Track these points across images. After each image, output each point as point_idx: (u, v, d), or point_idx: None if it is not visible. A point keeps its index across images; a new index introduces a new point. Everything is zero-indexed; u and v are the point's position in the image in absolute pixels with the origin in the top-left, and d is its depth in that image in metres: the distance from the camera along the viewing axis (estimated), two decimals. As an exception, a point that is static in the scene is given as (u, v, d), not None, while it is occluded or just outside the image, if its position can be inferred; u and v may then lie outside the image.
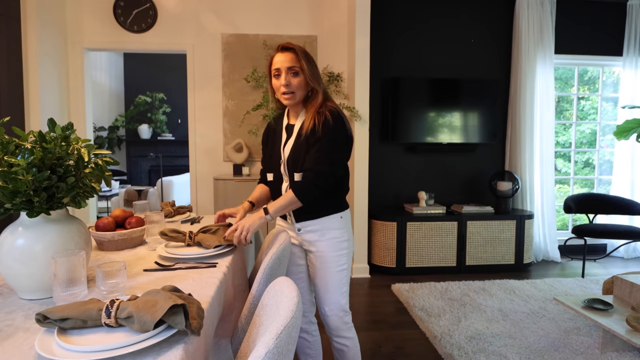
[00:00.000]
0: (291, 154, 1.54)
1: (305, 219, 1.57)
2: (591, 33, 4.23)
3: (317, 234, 1.57)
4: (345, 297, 1.62)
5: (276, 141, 1.63)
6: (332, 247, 1.57)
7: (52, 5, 3.44)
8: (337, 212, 1.59)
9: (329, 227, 1.57)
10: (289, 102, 1.52)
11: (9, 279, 1.04)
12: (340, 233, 1.58)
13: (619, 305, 2.33)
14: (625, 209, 3.74)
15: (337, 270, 1.58)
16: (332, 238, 1.57)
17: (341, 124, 1.50)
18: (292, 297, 0.84)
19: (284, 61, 1.49)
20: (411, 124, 3.85)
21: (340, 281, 1.59)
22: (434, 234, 3.69)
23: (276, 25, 3.87)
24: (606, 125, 4.52)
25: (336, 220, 1.58)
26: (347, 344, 1.62)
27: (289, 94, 1.50)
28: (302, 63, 1.49)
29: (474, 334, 2.46)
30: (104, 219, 1.56)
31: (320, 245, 1.57)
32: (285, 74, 1.49)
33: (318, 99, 1.53)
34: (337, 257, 1.58)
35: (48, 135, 1.04)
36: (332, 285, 1.58)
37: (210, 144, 3.90)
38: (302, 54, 1.50)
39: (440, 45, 4.04)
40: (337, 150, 1.50)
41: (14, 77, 3.18)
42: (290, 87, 1.49)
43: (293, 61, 1.49)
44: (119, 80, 7.16)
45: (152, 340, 0.79)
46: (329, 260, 1.57)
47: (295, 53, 1.50)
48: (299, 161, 1.51)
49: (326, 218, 1.57)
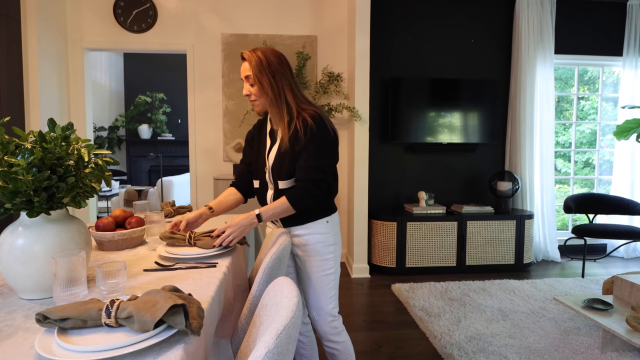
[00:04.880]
0: (275, 161, 1.52)
1: (293, 224, 1.56)
2: (591, 33, 4.23)
3: (304, 239, 1.56)
4: (332, 302, 1.59)
5: (260, 147, 1.61)
6: (317, 252, 1.55)
7: (52, 5, 3.44)
8: (324, 217, 1.57)
9: (314, 232, 1.55)
10: (257, 108, 1.55)
11: (9, 279, 1.04)
12: (325, 237, 1.56)
13: (619, 305, 2.33)
14: (625, 209, 3.74)
15: (323, 274, 1.56)
16: (317, 242, 1.55)
17: (324, 127, 1.47)
18: (292, 297, 0.84)
19: (242, 70, 1.52)
20: (411, 124, 3.85)
21: (327, 285, 1.57)
22: (434, 234, 3.69)
23: (276, 25, 3.87)
24: (606, 125, 4.52)
25: (322, 225, 1.56)
26: (337, 348, 1.61)
27: (253, 102, 1.53)
28: (255, 74, 1.47)
29: (474, 334, 2.46)
30: (104, 219, 1.56)
31: (306, 249, 1.56)
32: (245, 83, 1.52)
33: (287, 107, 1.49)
34: (323, 261, 1.56)
35: (48, 135, 1.04)
36: (319, 290, 1.57)
37: (210, 144, 3.90)
38: (255, 65, 1.47)
39: (440, 45, 4.04)
40: (326, 155, 1.48)
41: (14, 77, 3.19)
42: (251, 96, 1.52)
43: (247, 71, 1.50)
44: (119, 80, 7.16)
45: (152, 340, 0.79)
46: (314, 265, 1.56)
47: (248, 61, 1.49)
48: (282, 168, 1.50)
49: (313, 223, 1.55)
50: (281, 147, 1.50)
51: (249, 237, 2.10)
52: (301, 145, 1.45)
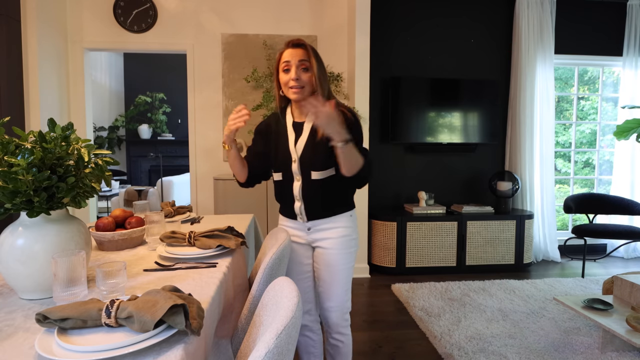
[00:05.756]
0: (307, 153, 1.53)
1: (318, 217, 1.58)
2: (591, 33, 4.23)
3: (328, 232, 1.58)
4: (348, 294, 1.64)
5: (281, 140, 1.60)
6: (342, 245, 1.58)
7: (52, 5, 3.44)
8: (348, 211, 1.61)
9: (339, 225, 1.59)
10: (296, 95, 1.50)
11: (9, 279, 1.04)
12: (350, 231, 1.60)
13: (619, 305, 2.33)
14: (625, 209, 3.74)
15: (345, 267, 1.60)
16: (343, 236, 1.58)
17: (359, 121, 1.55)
18: (292, 297, 0.84)
19: (295, 55, 1.49)
20: (411, 124, 3.85)
21: (347, 278, 1.62)
22: (434, 234, 3.69)
23: (276, 25, 3.87)
24: (606, 125, 4.52)
25: (347, 218, 1.60)
26: (343, 340, 1.66)
27: (297, 88, 1.49)
28: (312, 60, 1.49)
29: (474, 334, 2.46)
30: (104, 219, 1.56)
31: (331, 242, 1.58)
32: (296, 68, 1.49)
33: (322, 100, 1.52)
34: (347, 254, 1.60)
35: (48, 135, 1.04)
36: (339, 282, 1.60)
37: (210, 144, 3.90)
38: (312, 51, 1.51)
39: (440, 45, 4.04)
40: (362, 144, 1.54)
41: (14, 77, 3.18)
42: (300, 82, 1.49)
43: (304, 56, 1.49)
44: (119, 80, 7.16)
45: (152, 340, 0.79)
46: (339, 257, 1.59)
47: (306, 49, 1.51)
48: (317, 160, 1.51)
49: (338, 216, 1.59)
50: (316, 138, 1.50)
51: (249, 238, 2.10)
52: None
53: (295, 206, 1.58)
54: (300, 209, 1.57)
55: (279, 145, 1.61)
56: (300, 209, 1.57)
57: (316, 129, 1.43)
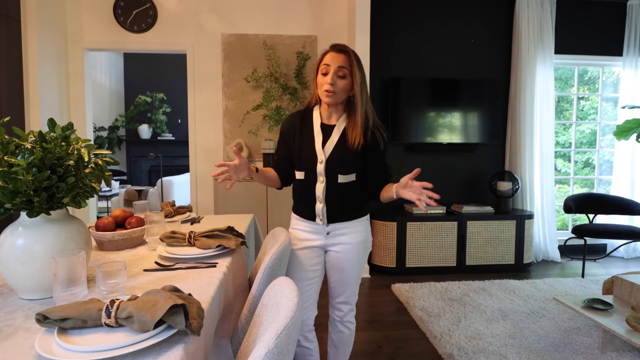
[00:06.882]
0: (336, 156, 1.55)
1: (339, 220, 1.61)
2: (591, 33, 4.23)
3: (348, 237, 1.63)
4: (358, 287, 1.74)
5: (306, 139, 1.60)
6: (360, 248, 1.65)
7: (52, 5, 3.44)
8: (365, 216, 1.69)
9: (358, 230, 1.64)
10: (329, 100, 1.53)
11: (9, 279, 1.04)
12: (367, 235, 1.68)
13: (619, 305, 2.33)
14: (625, 209, 3.74)
15: (359, 267, 1.68)
16: (360, 242, 1.64)
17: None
18: (292, 297, 0.84)
19: (336, 61, 1.51)
20: (411, 124, 3.85)
21: (359, 276, 1.71)
22: (434, 234, 3.69)
23: (276, 25, 3.87)
24: (606, 125, 4.52)
25: (364, 222, 1.67)
26: (350, 328, 1.75)
27: (331, 92, 1.52)
28: (355, 69, 1.51)
29: (474, 334, 2.46)
30: (104, 219, 1.56)
31: (349, 247, 1.63)
32: (333, 73, 1.51)
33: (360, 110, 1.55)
34: (363, 257, 1.68)
35: (48, 135, 1.04)
36: (354, 280, 1.69)
37: (210, 144, 3.90)
38: (355, 60, 1.53)
39: (440, 45, 4.04)
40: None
41: (14, 77, 3.18)
42: (335, 87, 1.51)
43: (344, 63, 1.51)
44: (119, 80, 7.16)
45: (152, 340, 0.79)
46: (356, 259, 1.65)
47: (349, 56, 1.52)
48: (346, 165, 1.55)
49: (358, 220, 1.65)
50: (347, 143, 1.55)
51: (249, 238, 2.10)
52: (380, 151, 1.60)
53: (317, 207, 1.58)
54: (322, 211, 1.58)
55: (303, 144, 1.61)
56: (322, 210, 1.58)
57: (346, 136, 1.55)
